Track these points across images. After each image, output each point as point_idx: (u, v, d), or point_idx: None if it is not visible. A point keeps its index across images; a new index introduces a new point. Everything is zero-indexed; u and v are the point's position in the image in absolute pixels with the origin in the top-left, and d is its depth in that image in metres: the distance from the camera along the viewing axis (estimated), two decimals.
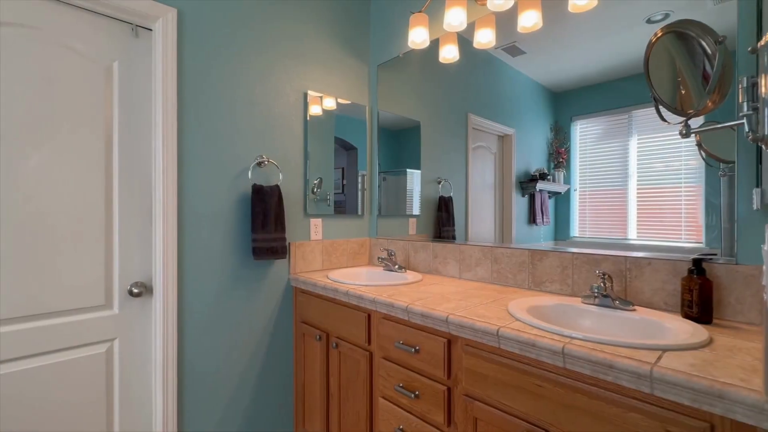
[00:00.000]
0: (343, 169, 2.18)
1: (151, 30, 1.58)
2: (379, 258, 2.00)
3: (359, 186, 2.27)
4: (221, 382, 1.70)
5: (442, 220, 1.94)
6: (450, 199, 1.92)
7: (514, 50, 1.68)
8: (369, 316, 1.48)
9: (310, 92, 2.02)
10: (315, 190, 2.04)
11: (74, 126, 1.40)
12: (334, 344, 1.62)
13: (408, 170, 2.15)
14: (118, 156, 1.50)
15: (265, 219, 1.74)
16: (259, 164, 1.81)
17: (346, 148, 2.19)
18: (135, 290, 1.51)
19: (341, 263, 2.17)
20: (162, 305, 1.53)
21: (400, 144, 2.20)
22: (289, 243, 1.91)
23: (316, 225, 2.06)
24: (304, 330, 1.85)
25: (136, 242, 1.54)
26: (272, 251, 1.76)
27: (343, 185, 2.18)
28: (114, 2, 1.43)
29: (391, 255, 1.99)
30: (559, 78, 1.53)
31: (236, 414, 1.75)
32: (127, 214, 1.52)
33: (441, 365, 1.19)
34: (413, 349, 1.26)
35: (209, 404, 1.66)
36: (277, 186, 1.80)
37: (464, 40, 1.85)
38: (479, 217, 1.82)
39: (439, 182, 1.97)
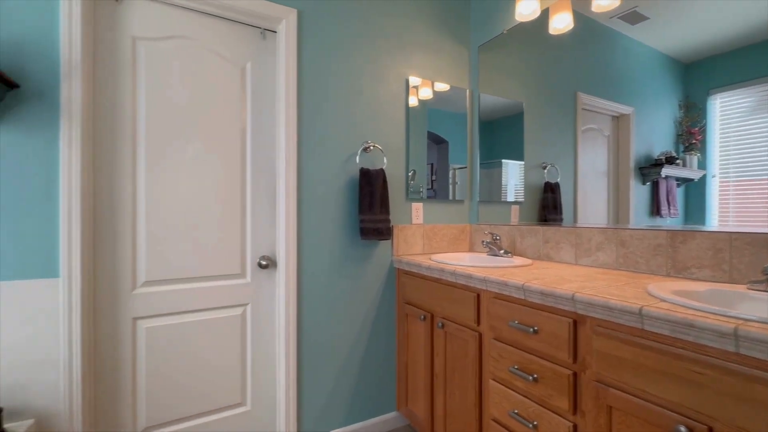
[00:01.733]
0: (432, 165, 2.15)
1: (275, 32, 1.77)
2: (483, 242, 1.94)
3: (449, 180, 2.22)
4: (332, 353, 1.83)
5: (548, 207, 1.81)
6: (557, 185, 1.78)
7: (634, 17, 1.48)
8: (478, 296, 1.44)
9: (411, 78, 2.06)
10: (409, 182, 2.07)
11: (219, 121, 1.64)
12: (440, 324, 1.62)
13: (503, 161, 2.05)
14: (250, 146, 1.71)
15: (371, 201, 1.82)
16: (366, 149, 1.90)
17: (436, 142, 2.17)
18: (263, 263, 1.71)
19: (441, 248, 2.16)
20: (284, 277, 1.71)
21: (495, 134, 2.12)
22: (392, 225, 1.97)
23: (417, 209, 2.08)
24: (407, 310, 1.89)
25: (263, 221, 1.74)
26: (378, 232, 1.83)
27: (432, 181, 2.14)
28: (247, 9, 1.64)
29: (496, 239, 1.91)
30: (690, 45, 1.31)
31: (344, 385, 1.86)
32: (256, 197, 1.73)
33: (565, 347, 1.10)
34: (531, 330, 1.19)
35: (322, 371, 1.80)
36: (381, 169, 1.87)
37: (576, 9, 1.69)
38: (590, 206, 1.64)
39: (544, 167, 1.83)
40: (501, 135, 2.08)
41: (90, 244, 1.38)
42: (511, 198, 2.01)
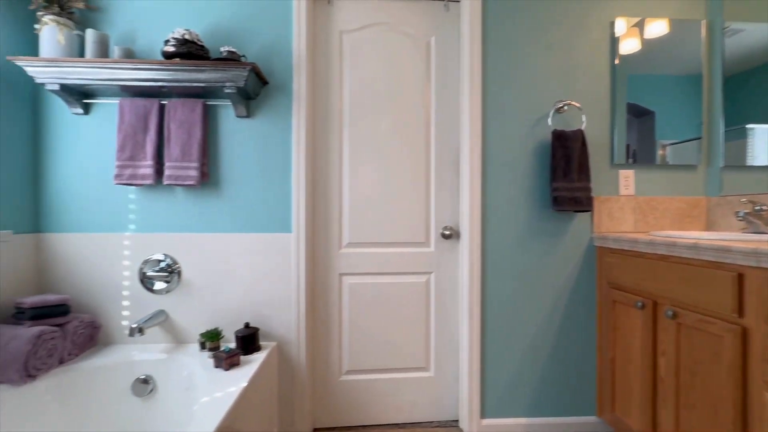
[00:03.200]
0: (627, 147, 1.69)
1: (458, 1, 1.75)
2: (738, 215, 1.42)
3: (656, 161, 1.71)
4: (517, 334, 1.68)
5: None
6: None
7: None
8: (740, 276, 1.05)
9: (618, 20, 1.70)
10: (614, 145, 1.69)
11: (406, 96, 1.74)
12: (669, 313, 1.26)
13: (752, 126, 1.44)
14: (434, 117, 1.75)
15: (567, 166, 1.59)
16: (559, 110, 1.67)
17: (638, 115, 1.70)
18: (446, 233, 1.72)
19: (662, 226, 1.71)
20: (467, 248, 1.67)
21: (733, 93, 1.51)
22: (592, 196, 1.67)
23: (627, 177, 1.71)
24: (614, 296, 1.56)
25: (447, 191, 1.75)
26: (575, 201, 1.58)
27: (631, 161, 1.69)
28: None
29: (761, 210, 1.37)
30: None
31: (530, 372, 1.68)
32: (440, 167, 1.75)
33: None
34: None
35: (506, 351, 1.68)
36: (579, 130, 1.61)
37: None
38: None
39: None
40: (749, 92, 1.48)
41: (311, 209, 1.68)
42: None
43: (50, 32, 1.41)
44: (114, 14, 1.57)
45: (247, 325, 1.50)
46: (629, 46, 1.71)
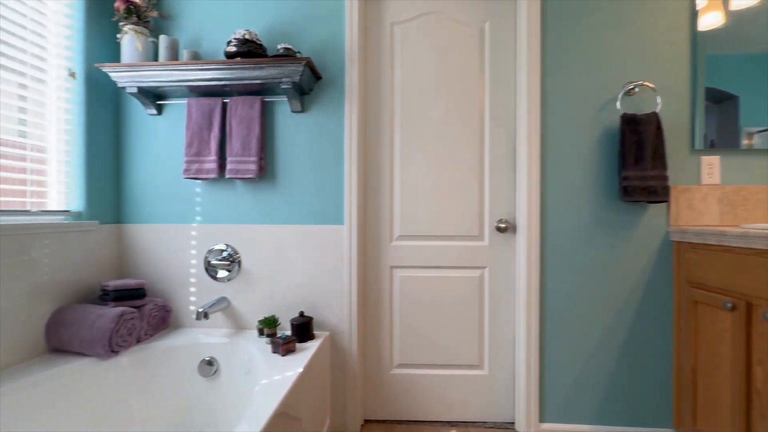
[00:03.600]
0: (705, 137, 1.49)
1: None
2: None
3: (740, 144, 1.49)
4: (581, 331, 1.57)
5: None
6: None
7: None
8: None
9: None
10: (695, 129, 1.51)
11: (459, 84, 1.69)
12: (767, 316, 1.10)
13: None
14: (488, 105, 1.68)
15: (639, 153, 1.45)
16: (629, 92, 1.53)
17: (717, 100, 1.49)
18: (501, 226, 1.64)
19: (756, 218, 1.50)
20: (525, 242, 1.58)
21: None
22: (668, 185, 1.51)
23: (711, 165, 1.52)
24: (695, 296, 1.40)
25: (502, 182, 1.68)
26: (649, 191, 1.44)
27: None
28: None
29: None
30: None
31: (595, 377, 1.56)
32: (495, 157, 1.68)
33: None
34: None
35: (568, 350, 1.57)
36: (654, 113, 1.46)
37: None
38: None
39: None
40: None
41: (362, 201, 1.69)
42: None
43: (130, 40, 1.54)
44: (183, 21, 1.69)
45: (301, 314, 1.54)
46: (710, 20, 1.52)
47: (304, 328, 1.50)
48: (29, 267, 1.29)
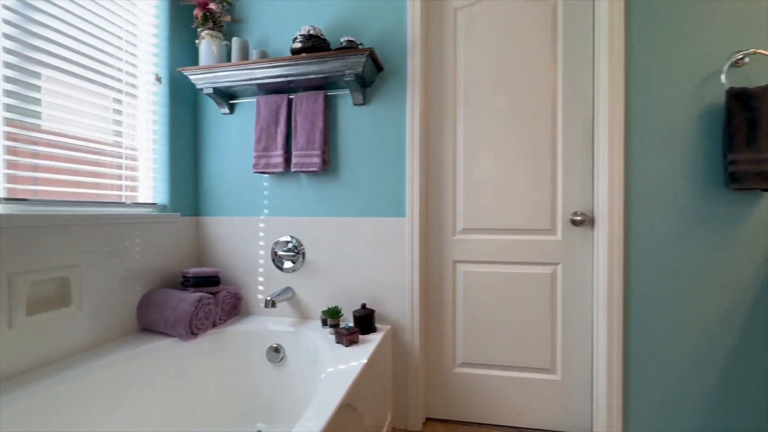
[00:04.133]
0: None
1: None
2: None
3: None
4: (674, 339, 1.38)
5: None
6: None
7: None
8: None
9: None
10: None
11: (528, 68, 1.58)
12: None
13: None
14: (561, 88, 1.55)
15: (752, 132, 1.24)
16: (736, 63, 1.32)
17: None
18: (576, 218, 1.51)
19: None
20: (606, 236, 1.43)
21: None
22: None
23: None
24: None
25: (577, 171, 1.54)
26: (764, 177, 1.23)
27: None
28: None
29: None
30: None
31: (696, 389, 1.36)
32: (569, 144, 1.54)
33: None
34: None
35: (658, 360, 1.39)
36: None
37: None
38: None
39: None
40: None
41: (424, 193, 1.64)
42: None
43: (206, 45, 1.65)
44: (252, 23, 1.77)
45: (363, 306, 1.54)
46: None
47: (366, 320, 1.50)
48: (123, 254, 1.43)
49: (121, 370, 1.24)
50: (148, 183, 1.64)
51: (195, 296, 1.46)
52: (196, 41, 1.70)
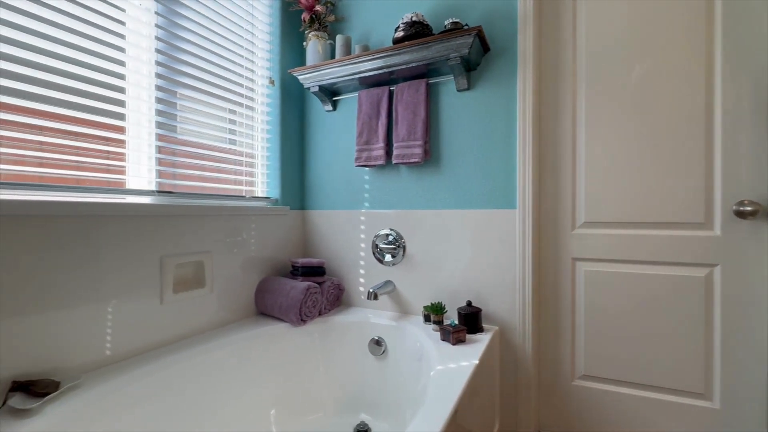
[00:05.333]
0: None
1: None
2: None
3: None
4: None
5: None
6: None
7: None
8: None
9: None
10: None
11: (672, 29, 1.31)
12: None
13: None
14: (720, 49, 1.26)
15: None
16: None
17: None
18: (744, 209, 1.20)
19: None
20: None
21: None
22: None
23: None
24: None
25: (745, 152, 1.23)
26: None
27: None
28: None
29: None
30: None
31: None
32: (732, 118, 1.24)
33: None
34: None
35: None
36: None
37: None
38: None
39: None
40: None
41: (537, 182, 1.48)
42: None
43: (313, 45, 1.72)
44: (354, 20, 1.80)
45: (469, 304, 1.44)
46: None
47: (472, 319, 1.40)
48: (242, 244, 1.56)
49: (242, 349, 1.35)
50: (262, 179, 1.77)
51: (304, 285, 1.52)
52: (304, 43, 1.78)
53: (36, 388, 0.88)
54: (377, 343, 1.54)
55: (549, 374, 1.49)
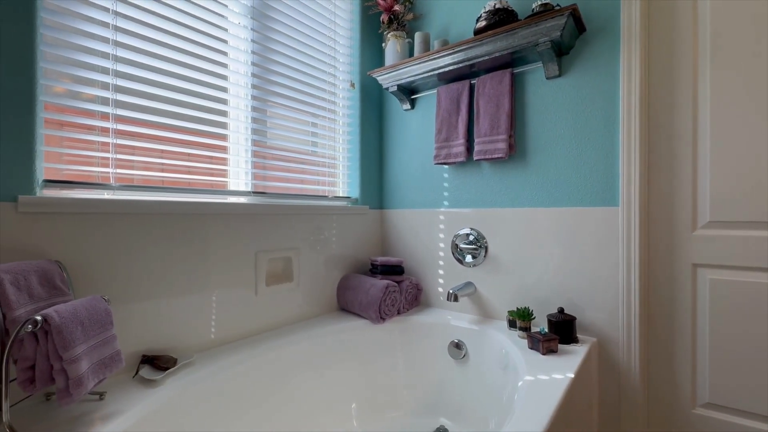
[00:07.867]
0: None
1: None
2: None
3: None
4: None
5: None
6: None
7: None
8: None
9: None
10: None
11: None
12: None
13: None
14: None
15: None
16: None
17: None
18: None
19: None
20: None
21: None
22: None
23: None
24: None
25: None
26: None
27: None
28: None
29: None
30: None
31: None
32: None
33: None
34: None
35: None
36: None
37: None
38: None
39: None
40: None
41: (645, 177, 1.29)
42: None
43: (392, 45, 1.73)
44: (432, 16, 1.77)
45: (561, 311, 1.31)
46: None
47: (565, 328, 1.27)
48: (324, 242, 1.63)
49: (326, 342, 1.40)
50: (343, 179, 1.83)
51: (383, 283, 1.53)
52: (383, 44, 1.80)
53: (159, 363, 1.02)
54: (457, 346, 1.49)
55: (662, 399, 1.29)
